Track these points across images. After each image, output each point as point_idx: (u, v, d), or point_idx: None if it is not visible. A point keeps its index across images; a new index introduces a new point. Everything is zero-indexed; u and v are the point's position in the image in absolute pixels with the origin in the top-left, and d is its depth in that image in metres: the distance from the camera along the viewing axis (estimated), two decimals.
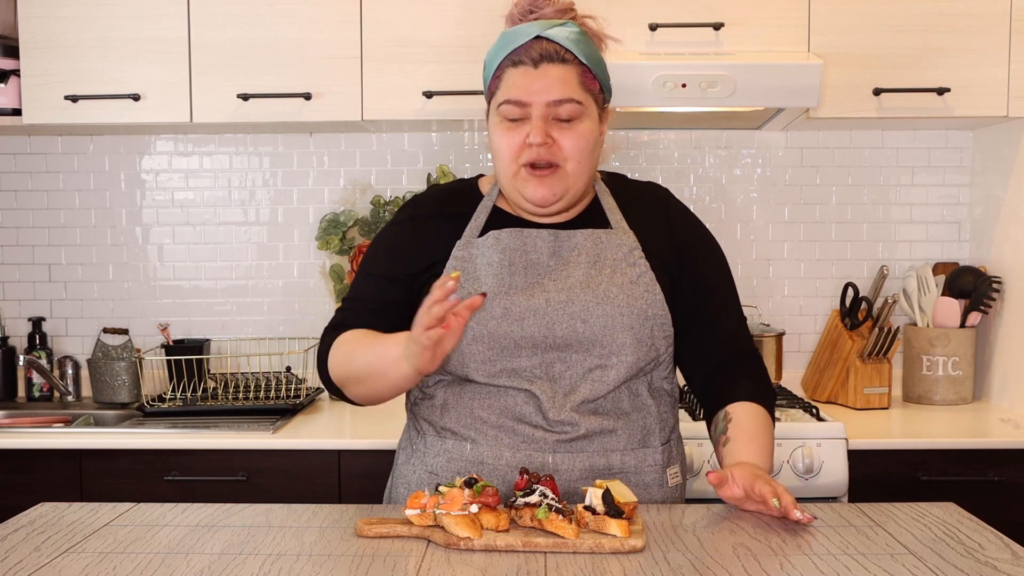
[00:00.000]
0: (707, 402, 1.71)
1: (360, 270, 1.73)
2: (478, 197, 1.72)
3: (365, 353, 1.57)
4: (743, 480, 1.49)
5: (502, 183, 1.65)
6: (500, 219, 1.68)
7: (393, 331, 1.61)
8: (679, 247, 1.69)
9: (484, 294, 1.39)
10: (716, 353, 1.70)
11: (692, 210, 1.80)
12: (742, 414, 1.63)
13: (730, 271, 1.75)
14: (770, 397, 1.68)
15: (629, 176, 1.82)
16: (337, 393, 1.68)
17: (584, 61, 1.61)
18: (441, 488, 1.41)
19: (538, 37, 1.59)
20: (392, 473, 1.76)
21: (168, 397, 2.77)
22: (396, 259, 1.68)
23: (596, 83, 1.63)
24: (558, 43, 1.59)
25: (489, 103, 1.66)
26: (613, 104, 2.44)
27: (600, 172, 1.76)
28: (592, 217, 1.69)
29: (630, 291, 1.60)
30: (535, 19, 1.63)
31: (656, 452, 1.64)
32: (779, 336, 2.87)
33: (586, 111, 1.61)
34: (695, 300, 1.67)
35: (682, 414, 2.42)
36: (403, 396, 1.75)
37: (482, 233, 1.66)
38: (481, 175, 1.78)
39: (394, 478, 1.74)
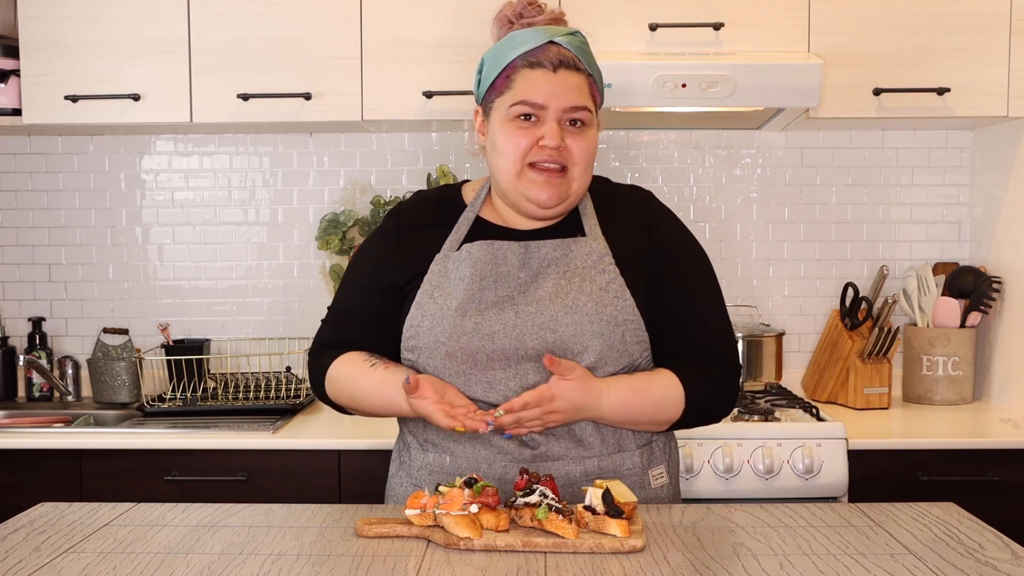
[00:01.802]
0: None
1: (345, 277, 1.76)
2: (461, 206, 1.72)
3: (369, 390, 1.64)
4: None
5: (502, 182, 1.64)
6: (480, 230, 1.68)
7: (379, 340, 1.68)
8: (656, 251, 1.67)
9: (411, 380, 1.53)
10: (690, 357, 1.65)
11: (691, 211, 1.80)
12: (654, 371, 1.64)
13: (714, 277, 1.72)
14: (701, 390, 1.63)
15: (626, 178, 1.82)
16: (335, 408, 1.73)
17: (591, 72, 1.64)
18: (441, 488, 1.41)
19: (552, 42, 1.60)
20: (387, 484, 1.78)
21: (168, 397, 2.77)
22: (380, 269, 1.70)
23: (599, 96, 1.67)
24: (570, 50, 1.61)
25: (491, 100, 1.64)
26: (613, 104, 2.48)
27: None
28: (568, 225, 1.68)
29: (599, 298, 1.60)
30: (527, 24, 1.64)
31: (633, 455, 1.64)
32: (779, 336, 2.87)
33: (592, 119, 1.64)
34: (674, 307, 1.66)
35: None
36: None
37: (462, 245, 1.67)
38: (467, 180, 1.79)
39: (387, 490, 1.77)
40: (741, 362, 2.00)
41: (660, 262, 1.67)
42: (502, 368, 1.59)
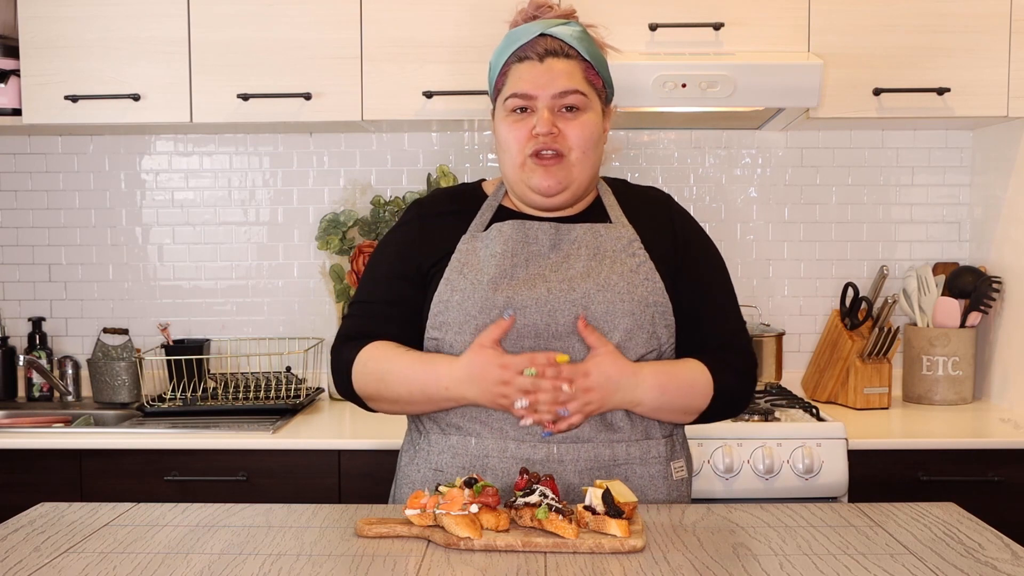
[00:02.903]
0: None
1: (367, 272, 1.75)
2: (482, 197, 1.74)
3: (405, 378, 1.60)
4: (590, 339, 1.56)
5: (508, 176, 1.67)
6: (505, 215, 1.70)
7: (403, 329, 1.66)
8: (681, 248, 1.70)
9: (512, 315, 1.54)
10: (710, 350, 1.69)
11: (691, 211, 1.82)
12: (683, 360, 1.65)
13: (729, 277, 1.76)
14: (728, 379, 1.65)
15: (627, 178, 1.83)
16: (358, 403, 1.70)
17: (587, 58, 1.65)
18: (441, 488, 1.41)
19: (543, 35, 1.63)
20: (396, 476, 1.76)
21: (168, 397, 2.77)
22: (404, 257, 1.70)
23: (599, 79, 1.67)
24: (562, 40, 1.63)
25: (495, 101, 1.69)
26: (613, 104, 2.47)
27: (602, 177, 1.78)
28: (593, 213, 1.71)
29: (630, 279, 1.62)
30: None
31: (659, 444, 1.64)
32: (779, 336, 2.87)
33: (590, 103, 1.64)
34: (694, 302, 1.68)
35: None
36: None
37: (487, 228, 1.69)
38: (483, 179, 1.80)
39: (398, 480, 1.75)
40: None
41: (682, 258, 1.69)
42: (531, 346, 1.59)
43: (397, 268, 1.70)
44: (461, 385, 1.55)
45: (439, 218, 1.72)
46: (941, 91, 2.56)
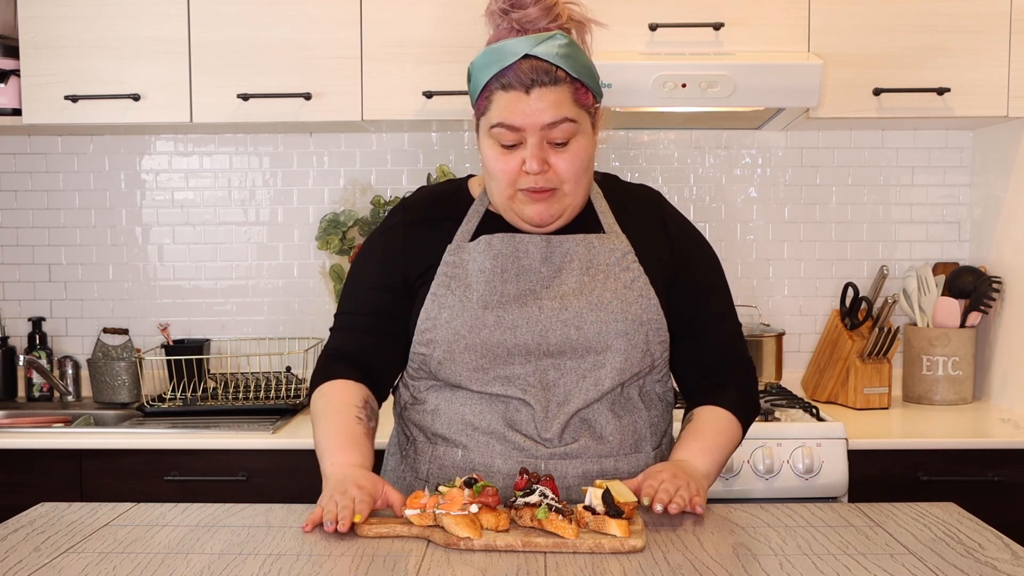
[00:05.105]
0: (689, 408, 1.70)
1: (351, 277, 1.70)
2: (469, 200, 1.68)
3: (318, 435, 1.60)
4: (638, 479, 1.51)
5: (497, 203, 1.62)
6: (492, 223, 1.65)
7: (391, 341, 1.64)
8: (675, 253, 1.67)
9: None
10: (709, 361, 1.68)
11: (691, 211, 1.80)
12: (704, 416, 1.64)
13: (725, 278, 1.73)
14: (746, 408, 1.68)
15: (626, 178, 1.81)
16: None
17: (575, 75, 1.55)
18: (441, 488, 1.41)
19: (527, 56, 1.53)
20: (383, 477, 1.75)
21: (168, 397, 2.77)
22: (388, 266, 1.65)
23: (589, 95, 1.59)
24: (548, 61, 1.53)
25: (478, 118, 1.61)
26: (613, 104, 2.47)
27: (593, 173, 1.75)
28: (585, 221, 1.66)
29: (624, 296, 1.59)
30: (518, 18, 1.57)
31: (648, 457, 1.63)
32: (779, 336, 2.87)
33: (580, 128, 1.56)
34: (691, 308, 1.66)
35: (678, 414, 2.42)
36: (390, 400, 1.75)
37: (474, 237, 1.64)
38: (471, 175, 1.75)
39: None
40: None
41: (677, 263, 1.66)
42: (521, 363, 1.57)
43: (382, 278, 1.65)
44: (327, 481, 1.51)
45: (424, 224, 1.66)
46: (941, 91, 2.56)
